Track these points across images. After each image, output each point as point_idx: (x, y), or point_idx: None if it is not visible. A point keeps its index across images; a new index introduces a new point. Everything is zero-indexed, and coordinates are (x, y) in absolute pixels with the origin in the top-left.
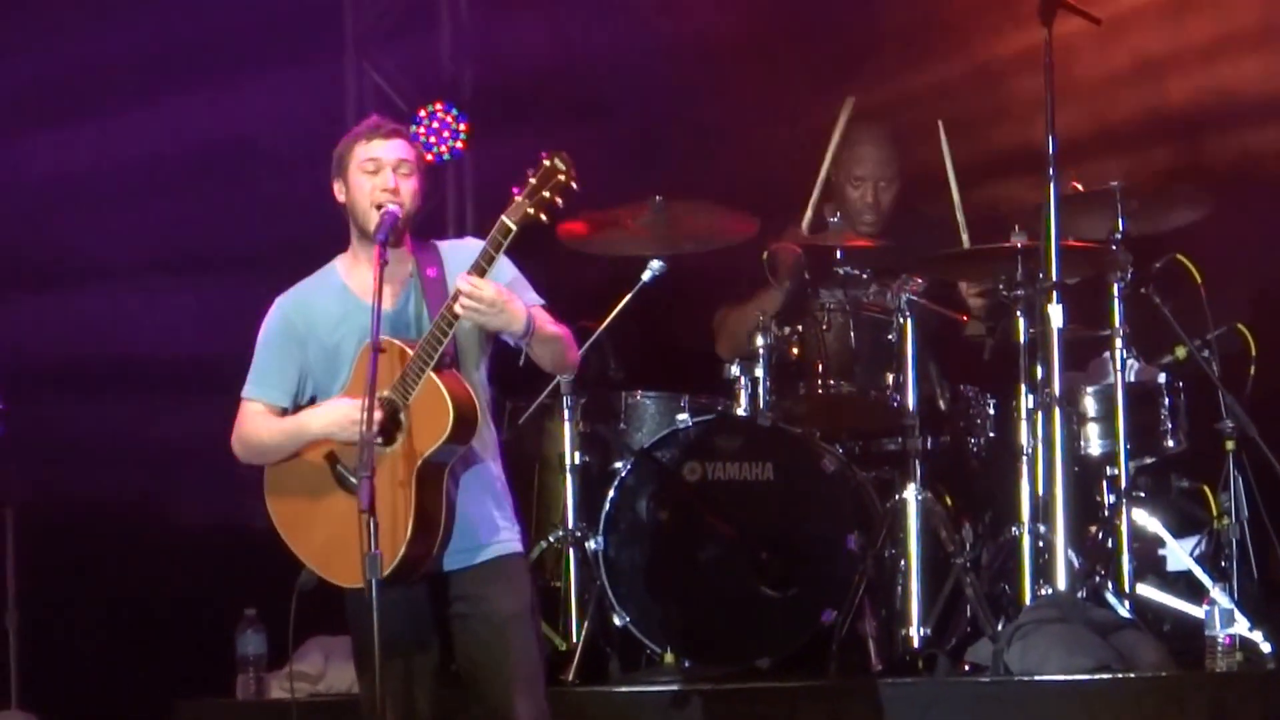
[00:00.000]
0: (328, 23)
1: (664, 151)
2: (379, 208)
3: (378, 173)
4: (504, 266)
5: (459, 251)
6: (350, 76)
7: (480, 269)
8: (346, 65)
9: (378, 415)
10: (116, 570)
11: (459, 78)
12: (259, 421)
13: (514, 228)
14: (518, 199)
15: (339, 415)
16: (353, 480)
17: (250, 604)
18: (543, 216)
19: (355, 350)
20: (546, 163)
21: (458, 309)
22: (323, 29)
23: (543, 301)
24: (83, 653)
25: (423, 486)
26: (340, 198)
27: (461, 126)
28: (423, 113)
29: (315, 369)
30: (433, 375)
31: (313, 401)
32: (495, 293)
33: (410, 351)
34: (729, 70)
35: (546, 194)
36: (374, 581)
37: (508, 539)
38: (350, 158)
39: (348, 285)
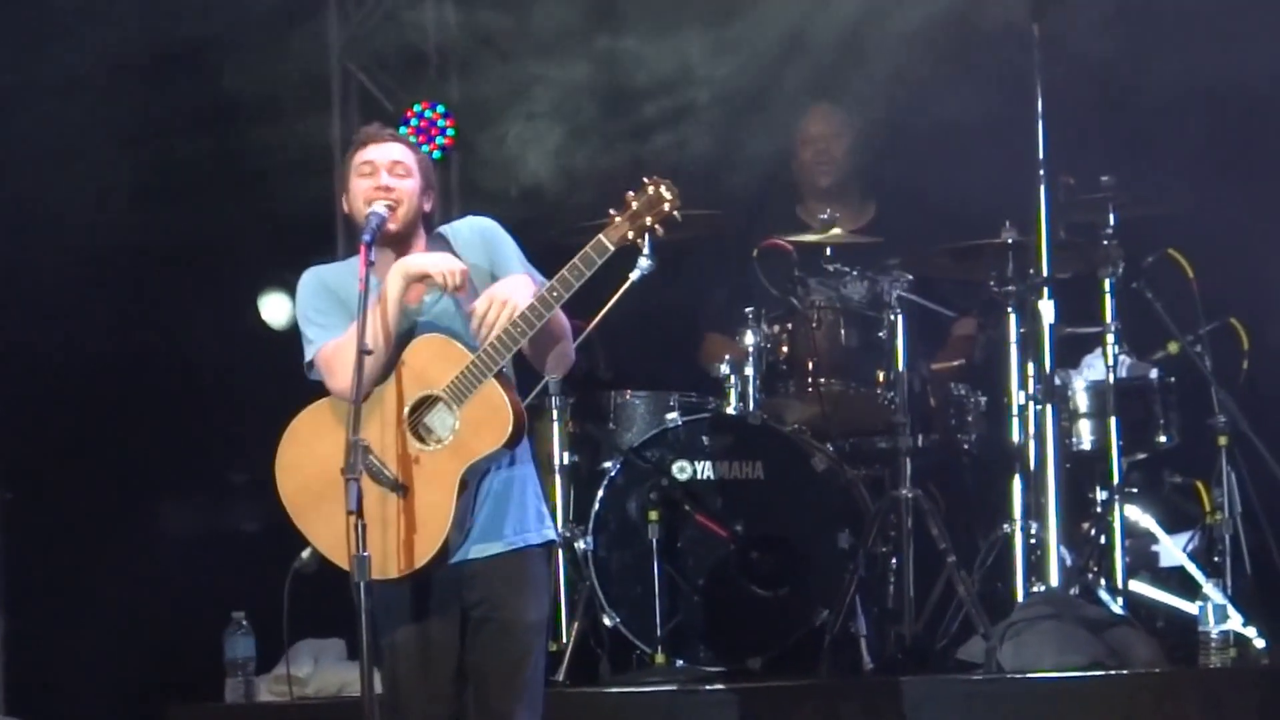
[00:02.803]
0: (313, 25)
1: (649, 148)
2: (369, 204)
3: (373, 174)
4: (513, 252)
5: (464, 235)
6: (336, 78)
7: (568, 284)
8: (332, 67)
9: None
10: (104, 575)
11: (445, 77)
12: (335, 349)
13: (611, 249)
14: (618, 220)
15: (439, 258)
16: (386, 473)
17: (239, 607)
18: (641, 243)
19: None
20: (651, 189)
21: (540, 322)
22: (308, 31)
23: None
24: (71, 659)
25: (464, 488)
26: (346, 209)
27: (448, 123)
28: (409, 113)
29: None
30: (494, 382)
31: None
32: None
33: (465, 353)
34: (715, 66)
35: (649, 220)
36: (363, 585)
37: (539, 528)
38: (350, 168)
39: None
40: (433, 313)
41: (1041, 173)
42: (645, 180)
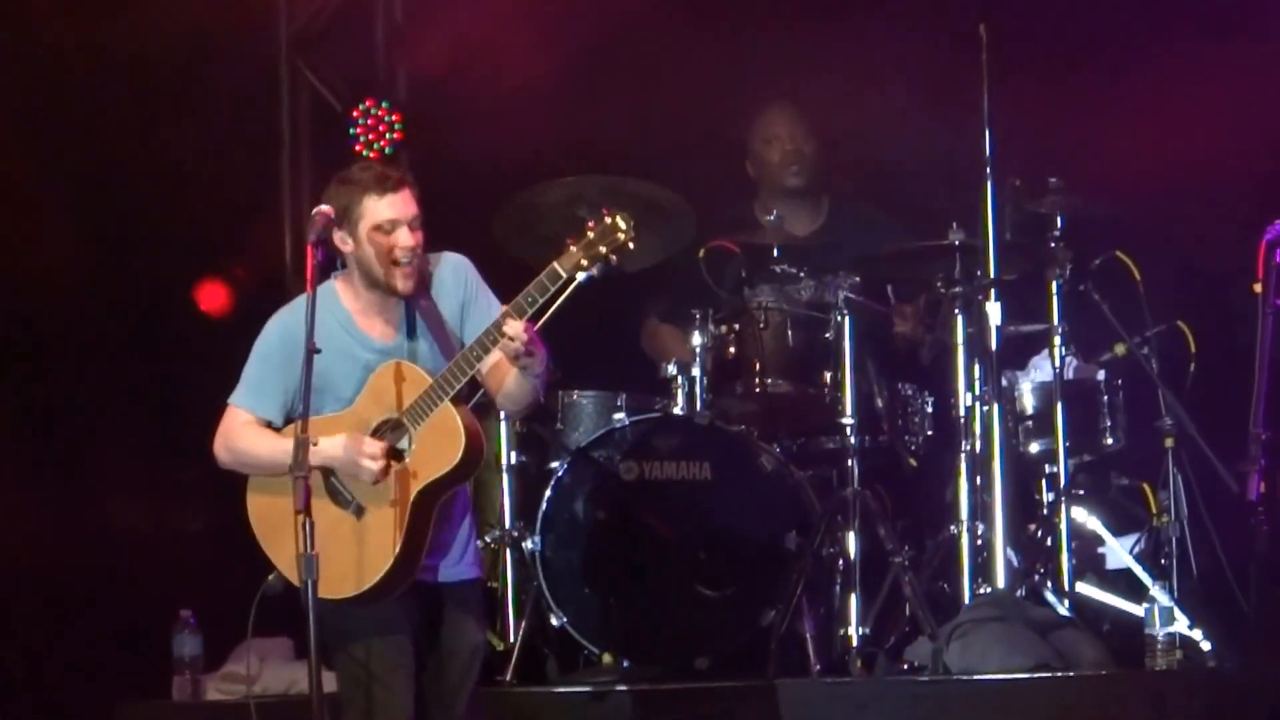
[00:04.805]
0: (262, 24)
1: (600, 148)
2: (397, 264)
3: (394, 232)
4: (484, 290)
5: (442, 266)
6: (285, 77)
7: (522, 310)
8: (281, 66)
9: (380, 446)
10: (51, 572)
11: (393, 75)
12: (254, 435)
13: (564, 276)
14: (572, 249)
15: (348, 452)
16: (346, 494)
17: (186, 606)
18: (594, 272)
19: (356, 383)
20: (608, 219)
21: (495, 345)
22: (257, 30)
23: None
24: (17, 656)
25: (417, 511)
26: (344, 248)
27: (395, 118)
28: (356, 112)
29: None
30: (450, 406)
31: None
32: (530, 335)
33: (425, 377)
34: (662, 66)
35: (603, 249)
36: (310, 582)
37: (476, 563)
38: (359, 212)
39: (354, 319)
40: (405, 349)
41: (989, 173)
42: (604, 211)
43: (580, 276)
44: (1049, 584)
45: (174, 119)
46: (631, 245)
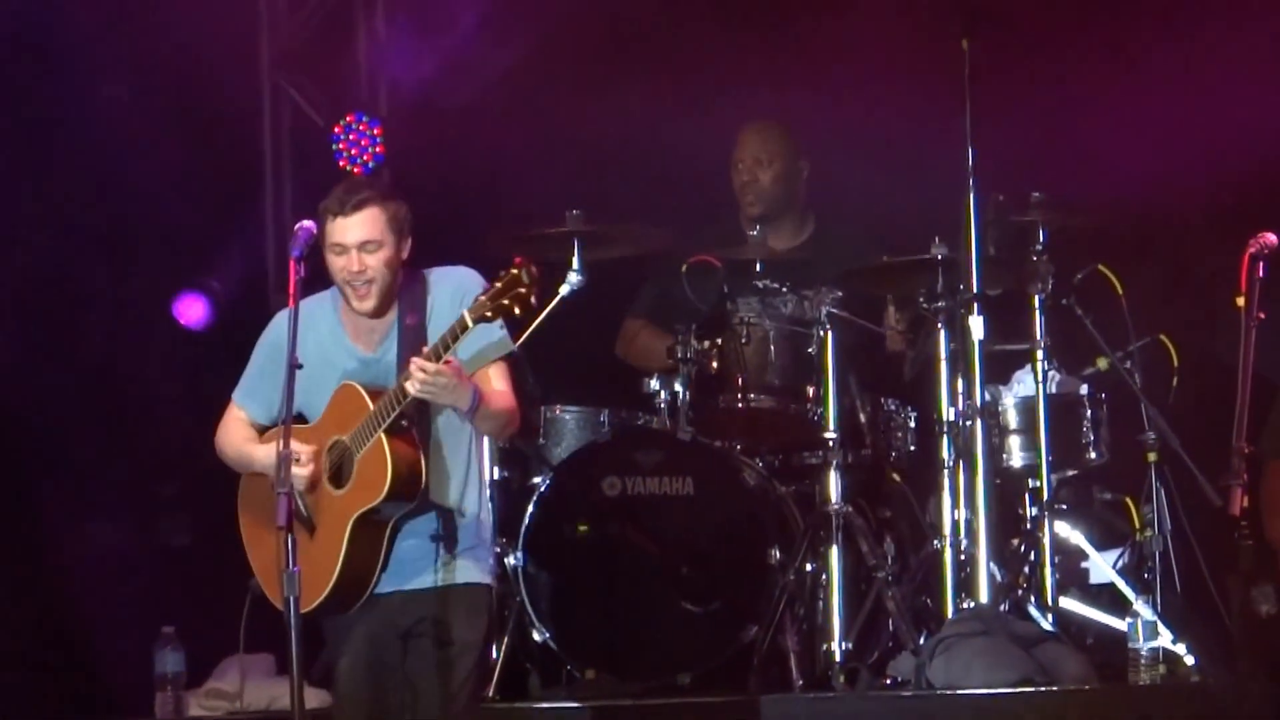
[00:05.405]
0: (244, 41)
1: (581, 164)
2: (347, 284)
3: (343, 253)
4: (476, 337)
5: (444, 284)
6: (267, 95)
7: (437, 354)
8: (263, 83)
9: (326, 459)
10: (31, 589)
11: (375, 93)
12: (232, 434)
13: (471, 325)
14: (481, 298)
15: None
16: (303, 509)
17: (168, 622)
18: (499, 322)
19: (333, 389)
20: (515, 270)
21: (408, 386)
22: (239, 47)
23: (513, 350)
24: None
25: (358, 536)
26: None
27: (376, 131)
28: (338, 128)
29: (297, 390)
30: (383, 437)
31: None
32: (446, 376)
33: (367, 402)
34: (643, 81)
35: (506, 301)
36: (292, 598)
37: (472, 568)
38: (324, 233)
39: (344, 327)
40: (382, 364)
41: (971, 188)
42: (515, 260)
43: (567, 287)
44: (1032, 598)
45: (157, 135)
46: (534, 300)
